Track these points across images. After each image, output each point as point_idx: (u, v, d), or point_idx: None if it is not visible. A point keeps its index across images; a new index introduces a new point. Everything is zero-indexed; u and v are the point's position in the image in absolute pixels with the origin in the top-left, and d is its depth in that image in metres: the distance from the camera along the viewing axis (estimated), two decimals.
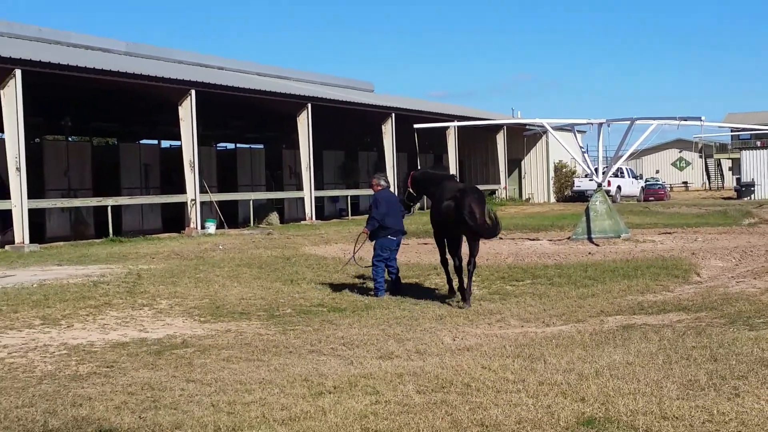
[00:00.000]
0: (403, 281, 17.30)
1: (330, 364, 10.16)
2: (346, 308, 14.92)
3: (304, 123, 39.79)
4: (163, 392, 8.97)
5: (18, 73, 26.80)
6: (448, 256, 15.81)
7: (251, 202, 39.65)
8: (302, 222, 40.31)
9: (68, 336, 12.74)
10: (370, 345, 11.34)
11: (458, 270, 15.40)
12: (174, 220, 36.30)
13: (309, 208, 40.56)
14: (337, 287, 17.18)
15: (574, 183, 59.74)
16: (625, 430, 7.11)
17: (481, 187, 57.10)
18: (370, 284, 16.66)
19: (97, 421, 7.90)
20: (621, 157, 30.13)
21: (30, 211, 28.02)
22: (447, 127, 47.27)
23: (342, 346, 11.32)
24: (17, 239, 27.12)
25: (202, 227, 33.99)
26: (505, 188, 58.91)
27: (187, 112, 33.08)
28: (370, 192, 17.12)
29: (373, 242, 16.43)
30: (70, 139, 45.09)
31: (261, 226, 38.38)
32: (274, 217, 41.20)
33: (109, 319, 14.15)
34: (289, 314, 14.47)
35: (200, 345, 11.81)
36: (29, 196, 28.04)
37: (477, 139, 59.03)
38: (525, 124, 39.82)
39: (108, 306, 15.23)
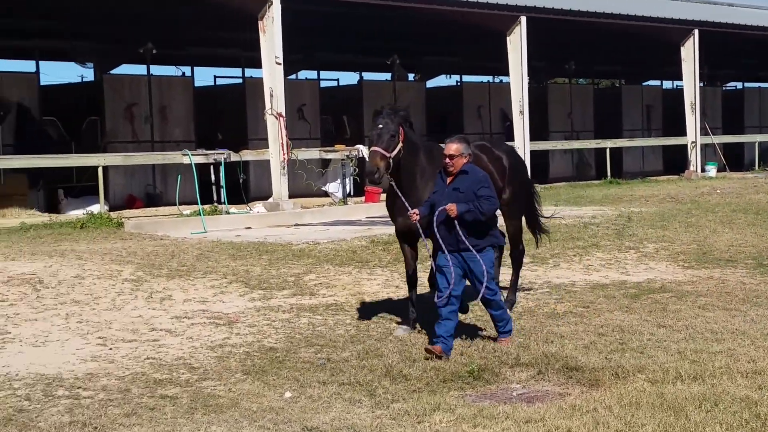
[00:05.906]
0: None
1: None
2: None
3: None
4: (632, 335, 9.15)
5: (523, 19, 27.83)
6: None
7: (757, 144, 38.08)
8: None
9: (553, 275, 13.31)
10: None
11: None
12: (675, 162, 35.88)
13: None
14: None
15: None
16: None
17: None
18: None
19: (564, 359, 8.29)
20: None
21: (533, 152, 29.23)
22: None
23: None
24: None
25: (702, 170, 33.37)
26: None
27: (689, 52, 32.43)
28: None
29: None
30: (576, 81, 46.02)
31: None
32: None
33: (593, 260, 14.53)
34: None
35: (678, 291, 11.78)
36: (533, 138, 29.27)
37: None
38: None
39: (595, 247, 15.60)
